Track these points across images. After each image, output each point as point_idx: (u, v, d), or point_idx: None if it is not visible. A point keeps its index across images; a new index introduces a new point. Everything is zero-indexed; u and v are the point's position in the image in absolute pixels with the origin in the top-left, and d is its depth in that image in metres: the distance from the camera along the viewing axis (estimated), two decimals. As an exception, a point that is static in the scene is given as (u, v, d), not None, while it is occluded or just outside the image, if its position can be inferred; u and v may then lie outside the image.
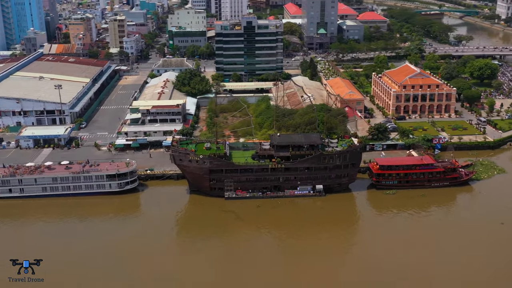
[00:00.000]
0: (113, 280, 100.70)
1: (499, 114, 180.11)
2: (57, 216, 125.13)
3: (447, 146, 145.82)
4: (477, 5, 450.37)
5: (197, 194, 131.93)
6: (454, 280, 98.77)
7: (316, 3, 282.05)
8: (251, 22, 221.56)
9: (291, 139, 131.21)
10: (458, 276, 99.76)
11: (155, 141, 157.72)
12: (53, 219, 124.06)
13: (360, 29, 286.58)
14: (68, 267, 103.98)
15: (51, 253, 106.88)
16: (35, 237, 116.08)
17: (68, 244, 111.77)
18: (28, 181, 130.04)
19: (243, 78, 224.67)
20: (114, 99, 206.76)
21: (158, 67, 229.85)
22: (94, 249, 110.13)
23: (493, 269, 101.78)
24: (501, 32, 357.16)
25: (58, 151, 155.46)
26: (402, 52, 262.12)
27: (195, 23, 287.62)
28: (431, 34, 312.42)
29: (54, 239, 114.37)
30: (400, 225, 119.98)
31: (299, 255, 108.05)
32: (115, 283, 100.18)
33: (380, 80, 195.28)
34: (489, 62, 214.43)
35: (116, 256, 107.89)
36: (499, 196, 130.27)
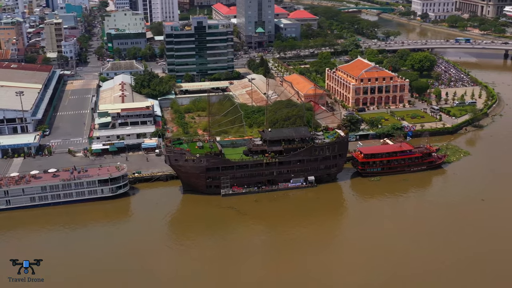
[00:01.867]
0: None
1: (446, 102, 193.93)
2: (50, 226, 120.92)
3: (423, 133, 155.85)
4: (389, 3, 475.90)
5: (191, 193, 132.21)
6: (448, 257, 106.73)
7: (253, 3, 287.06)
8: (202, 22, 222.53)
9: (283, 133, 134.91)
10: (450, 251, 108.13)
11: (133, 144, 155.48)
12: (45, 230, 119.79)
13: (297, 27, 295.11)
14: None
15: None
16: (30, 248, 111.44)
17: (64, 255, 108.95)
18: (15, 192, 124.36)
19: (195, 78, 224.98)
20: (67, 104, 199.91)
21: (107, 70, 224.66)
22: (94, 254, 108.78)
23: (483, 241, 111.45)
24: (418, 28, 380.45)
25: (31, 160, 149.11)
26: (340, 48, 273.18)
27: (133, 25, 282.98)
28: (359, 31, 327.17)
29: (47, 250, 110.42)
30: (393, 208, 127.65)
31: (308, 245, 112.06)
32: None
33: (334, 74, 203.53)
34: (428, 54, 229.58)
35: (119, 259, 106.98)
36: (472, 176, 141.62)
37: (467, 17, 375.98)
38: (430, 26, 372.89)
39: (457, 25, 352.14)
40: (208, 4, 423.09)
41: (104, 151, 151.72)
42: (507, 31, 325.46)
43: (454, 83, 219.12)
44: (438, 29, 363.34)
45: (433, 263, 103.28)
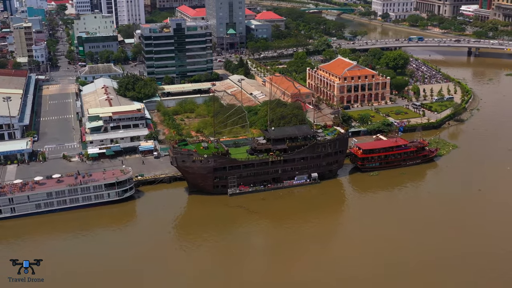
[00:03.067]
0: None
1: (425, 98, 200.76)
2: (57, 233, 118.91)
3: (416, 128, 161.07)
4: (347, 3, 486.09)
5: (197, 194, 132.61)
6: (449, 246, 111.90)
7: (224, 4, 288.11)
8: (181, 24, 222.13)
9: (286, 132, 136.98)
10: (456, 242, 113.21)
11: (129, 147, 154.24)
12: (53, 237, 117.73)
13: (268, 28, 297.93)
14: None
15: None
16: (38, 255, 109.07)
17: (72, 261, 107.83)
18: (20, 199, 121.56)
19: (175, 80, 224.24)
20: (49, 110, 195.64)
21: (85, 74, 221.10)
22: (105, 257, 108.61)
23: (486, 228, 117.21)
24: (379, 27, 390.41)
25: (26, 167, 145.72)
26: (312, 48, 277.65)
27: (103, 28, 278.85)
28: (326, 31, 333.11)
29: (55, 258, 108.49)
30: (396, 202, 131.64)
31: (318, 240, 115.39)
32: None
33: (316, 74, 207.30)
34: (401, 53, 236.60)
35: (132, 261, 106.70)
36: (464, 167, 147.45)
37: (425, 17, 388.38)
38: (392, 26, 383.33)
39: (418, 24, 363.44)
40: (171, 6, 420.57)
41: (101, 155, 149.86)
42: (467, 30, 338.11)
43: (428, 80, 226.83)
44: (399, 28, 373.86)
45: (439, 252, 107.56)
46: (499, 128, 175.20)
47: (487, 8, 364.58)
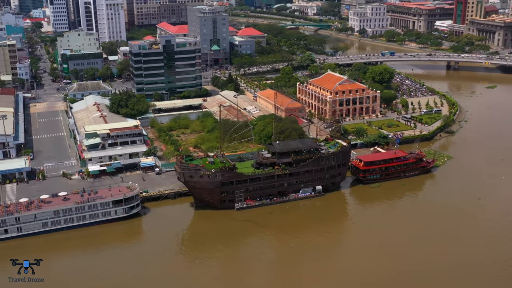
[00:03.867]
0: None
1: (414, 111, 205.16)
2: (66, 252, 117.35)
3: (414, 139, 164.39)
4: (323, 20, 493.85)
5: (203, 209, 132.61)
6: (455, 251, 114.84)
7: (208, 21, 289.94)
8: (170, 40, 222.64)
9: (291, 145, 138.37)
10: (464, 251, 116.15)
11: (130, 163, 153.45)
12: (62, 256, 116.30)
13: (252, 44, 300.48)
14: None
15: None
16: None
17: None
18: (27, 218, 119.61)
19: (165, 96, 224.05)
20: (40, 128, 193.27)
21: (74, 92, 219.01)
22: (114, 275, 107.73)
23: (490, 234, 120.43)
24: (357, 43, 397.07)
25: (25, 186, 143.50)
26: (296, 63, 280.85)
27: (87, 45, 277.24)
28: (307, 46, 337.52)
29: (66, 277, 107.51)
30: (400, 212, 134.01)
31: (327, 252, 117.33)
32: None
33: (307, 88, 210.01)
34: (387, 67, 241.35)
35: (143, 280, 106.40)
36: (461, 177, 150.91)
37: (401, 32, 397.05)
38: (369, 41, 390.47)
39: (395, 40, 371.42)
40: (149, 23, 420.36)
41: (102, 172, 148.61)
42: (443, 44, 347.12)
43: (414, 93, 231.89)
44: (376, 43, 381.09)
45: (443, 262, 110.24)
46: (488, 139, 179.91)
47: (461, 23, 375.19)
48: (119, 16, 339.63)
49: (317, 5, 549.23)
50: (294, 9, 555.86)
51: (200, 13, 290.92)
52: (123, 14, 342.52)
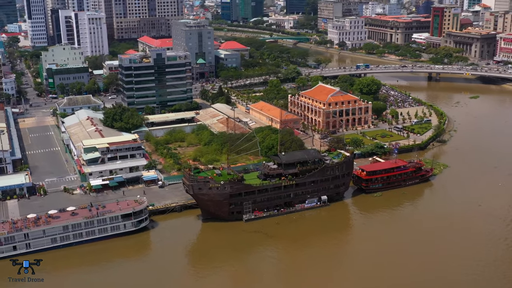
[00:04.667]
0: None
1: (404, 121, 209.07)
2: (77, 268, 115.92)
3: (412, 149, 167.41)
4: (300, 33, 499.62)
5: (211, 221, 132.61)
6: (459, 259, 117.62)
7: (194, 35, 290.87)
8: (161, 54, 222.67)
9: (296, 156, 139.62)
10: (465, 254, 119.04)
11: (132, 177, 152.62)
12: (74, 272, 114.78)
13: (237, 57, 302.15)
14: None
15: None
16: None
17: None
18: (36, 234, 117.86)
19: (156, 110, 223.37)
20: (32, 143, 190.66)
21: (64, 106, 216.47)
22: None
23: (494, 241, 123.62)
24: (336, 55, 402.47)
25: (27, 202, 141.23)
26: (282, 76, 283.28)
27: (72, 59, 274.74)
28: (290, 59, 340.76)
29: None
30: (405, 221, 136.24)
31: (338, 260, 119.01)
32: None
33: (298, 100, 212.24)
34: (374, 79, 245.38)
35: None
36: (459, 185, 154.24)
37: (379, 44, 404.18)
38: (349, 54, 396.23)
39: (375, 52, 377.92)
40: (129, 37, 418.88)
41: (104, 186, 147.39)
42: (422, 56, 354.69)
43: (402, 104, 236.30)
44: (356, 56, 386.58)
45: (453, 273, 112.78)
46: (479, 148, 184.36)
47: (438, 36, 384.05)
48: (101, 30, 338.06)
49: (293, 18, 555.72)
50: (271, 22, 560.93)
51: (185, 27, 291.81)
52: (105, 28, 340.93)
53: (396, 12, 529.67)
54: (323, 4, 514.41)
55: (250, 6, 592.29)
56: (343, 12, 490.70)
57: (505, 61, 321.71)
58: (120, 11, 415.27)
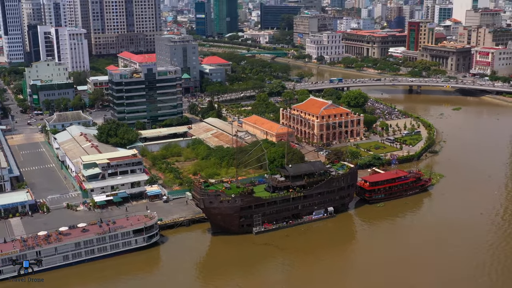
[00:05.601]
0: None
1: (394, 133, 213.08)
2: (91, 286, 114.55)
3: (413, 159, 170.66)
4: (276, 48, 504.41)
5: (221, 235, 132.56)
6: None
7: (178, 50, 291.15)
8: (152, 69, 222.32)
9: (303, 168, 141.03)
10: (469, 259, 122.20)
11: (136, 193, 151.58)
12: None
13: (222, 72, 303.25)
14: None
15: None
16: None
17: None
18: (48, 252, 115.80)
19: (146, 125, 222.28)
20: (24, 160, 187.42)
21: (54, 122, 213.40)
22: None
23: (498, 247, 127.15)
24: (315, 69, 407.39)
25: (31, 219, 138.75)
26: (268, 90, 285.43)
27: (56, 75, 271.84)
28: (272, 74, 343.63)
29: None
30: (411, 231, 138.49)
31: (355, 273, 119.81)
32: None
33: (290, 113, 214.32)
34: (361, 92, 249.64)
35: None
36: (458, 194, 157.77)
37: (357, 58, 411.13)
38: (328, 68, 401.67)
39: (353, 66, 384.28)
40: (108, 53, 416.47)
41: (108, 202, 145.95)
42: (401, 70, 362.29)
43: (389, 116, 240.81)
44: (335, 70, 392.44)
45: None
46: (470, 157, 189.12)
47: (414, 50, 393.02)
48: (82, 46, 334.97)
49: (268, 33, 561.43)
50: (246, 37, 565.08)
51: (170, 42, 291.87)
52: (86, 43, 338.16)
53: (370, 27, 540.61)
54: (298, 19, 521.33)
55: (225, 21, 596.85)
56: (319, 27, 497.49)
57: (481, 74, 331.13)
58: (98, 27, 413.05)
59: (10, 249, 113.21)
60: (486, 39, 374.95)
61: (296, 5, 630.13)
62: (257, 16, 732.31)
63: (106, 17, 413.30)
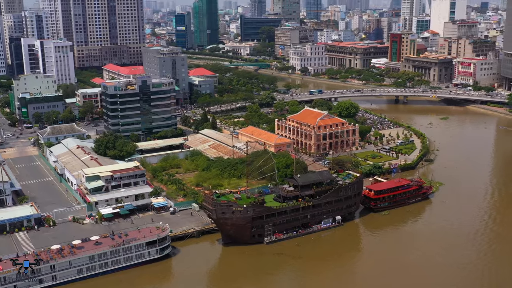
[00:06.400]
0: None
1: (389, 142, 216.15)
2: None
3: (411, 168, 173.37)
4: (258, 60, 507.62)
5: (232, 245, 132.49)
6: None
7: (168, 62, 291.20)
8: (146, 81, 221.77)
9: (311, 178, 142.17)
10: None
11: (141, 205, 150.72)
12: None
13: (211, 84, 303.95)
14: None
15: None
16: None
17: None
18: (62, 266, 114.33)
19: (141, 137, 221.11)
20: (21, 174, 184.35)
21: (48, 136, 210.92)
22: None
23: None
24: (299, 80, 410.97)
25: (38, 233, 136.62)
26: (257, 101, 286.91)
27: (45, 88, 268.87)
28: (260, 85, 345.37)
29: None
30: (420, 238, 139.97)
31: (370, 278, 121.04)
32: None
33: (286, 124, 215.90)
34: (352, 102, 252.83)
35: None
36: (459, 201, 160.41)
37: (341, 69, 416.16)
38: (312, 79, 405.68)
39: (338, 77, 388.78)
40: (91, 65, 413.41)
41: (115, 214, 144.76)
42: (385, 80, 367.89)
43: (381, 126, 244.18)
44: (320, 81, 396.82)
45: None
46: (465, 165, 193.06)
47: (397, 61, 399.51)
48: (67, 59, 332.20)
49: (249, 45, 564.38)
50: (227, 49, 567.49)
51: (159, 54, 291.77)
52: (72, 56, 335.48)
53: (351, 38, 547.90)
54: (280, 31, 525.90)
55: (205, 33, 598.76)
56: (300, 39, 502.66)
57: (464, 84, 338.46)
58: (81, 39, 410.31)
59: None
60: (466, 50, 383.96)
61: (275, 18, 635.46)
62: (236, 28, 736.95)
63: (89, 30, 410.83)
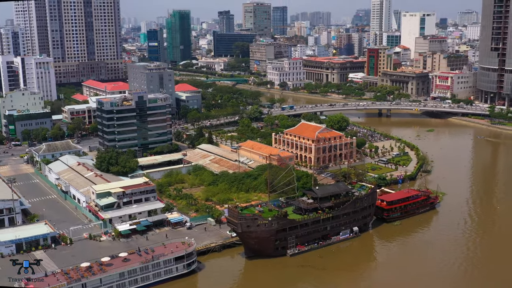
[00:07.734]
0: None
1: (384, 154, 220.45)
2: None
3: (421, 178, 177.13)
4: (234, 75, 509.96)
5: (255, 258, 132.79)
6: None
7: (155, 77, 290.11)
8: (142, 96, 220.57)
9: (329, 190, 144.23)
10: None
11: (157, 220, 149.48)
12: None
13: (198, 99, 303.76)
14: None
15: None
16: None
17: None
18: (93, 284, 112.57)
19: (137, 153, 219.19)
20: (22, 192, 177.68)
21: (44, 153, 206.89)
22: None
23: None
24: (278, 95, 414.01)
25: (56, 252, 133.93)
26: (245, 116, 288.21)
27: (32, 105, 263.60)
28: (244, 100, 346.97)
29: None
30: (433, 246, 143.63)
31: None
32: None
33: (283, 138, 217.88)
34: (343, 116, 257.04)
35: None
36: (464, 211, 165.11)
37: (318, 84, 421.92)
38: (291, 93, 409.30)
39: (318, 91, 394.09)
40: (68, 82, 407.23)
41: (132, 231, 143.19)
42: (365, 94, 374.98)
43: (372, 138, 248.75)
44: (299, 95, 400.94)
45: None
46: (462, 175, 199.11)
47: (374, 75, 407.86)
48: (49, 75, 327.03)
49: (223, 61, 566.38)
50: (201, 65, 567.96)
51: (146, 70, 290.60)
52: (53, 72, 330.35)
53: (325, 53, 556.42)
54: (255, 46, 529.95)
55: (178, 49, 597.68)
56: (275, 54, 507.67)
57: (441, 97, 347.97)
58: (58, 55, 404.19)
59: (55, 283, 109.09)
60: (441, 64, 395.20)
61: (248, 33, 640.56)
62: (208, 43, 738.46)
63: (66, 46, 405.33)
